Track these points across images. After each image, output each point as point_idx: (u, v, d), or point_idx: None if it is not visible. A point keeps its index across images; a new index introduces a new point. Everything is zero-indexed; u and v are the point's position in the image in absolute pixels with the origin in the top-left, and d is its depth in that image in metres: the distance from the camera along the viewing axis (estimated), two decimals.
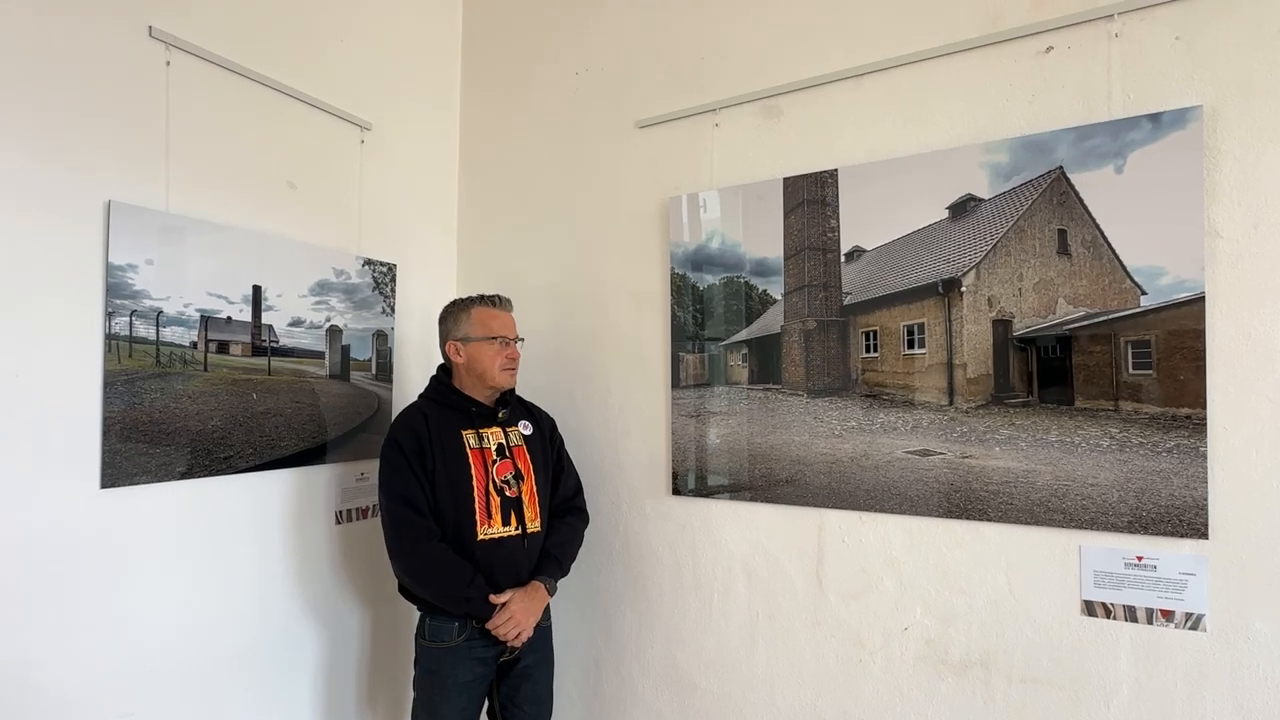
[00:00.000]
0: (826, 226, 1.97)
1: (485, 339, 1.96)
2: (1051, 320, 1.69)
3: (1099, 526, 1.62)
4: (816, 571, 1.98)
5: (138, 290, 1.72)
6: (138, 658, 1.74)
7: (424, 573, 1.85)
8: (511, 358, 2.00)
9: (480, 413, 1.98)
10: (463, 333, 1.98)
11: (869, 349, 1.91)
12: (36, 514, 1.57)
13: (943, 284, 1.81)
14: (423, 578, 1.86)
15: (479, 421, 1.98)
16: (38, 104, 1.57)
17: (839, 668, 1.95)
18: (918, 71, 1.86)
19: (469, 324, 1.98)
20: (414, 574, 1.87)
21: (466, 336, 1.97)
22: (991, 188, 1.75)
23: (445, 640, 1.88)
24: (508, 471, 1.96)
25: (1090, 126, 1.64)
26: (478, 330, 1.97)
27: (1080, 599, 1.65)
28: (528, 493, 1.97)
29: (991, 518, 1.73)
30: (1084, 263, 1.65)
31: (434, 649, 1.90)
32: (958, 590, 1.79)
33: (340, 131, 2.28)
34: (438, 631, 1.89)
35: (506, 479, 1.95)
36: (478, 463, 1.92)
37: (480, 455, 1.94)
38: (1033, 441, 1.69)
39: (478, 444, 1.95)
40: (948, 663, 1.80)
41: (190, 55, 1.85)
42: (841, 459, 1.93)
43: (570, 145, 2.49)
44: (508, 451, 1.98)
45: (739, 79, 2.14)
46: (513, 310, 2.06)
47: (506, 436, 2.00)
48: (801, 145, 2.03)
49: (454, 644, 1.88)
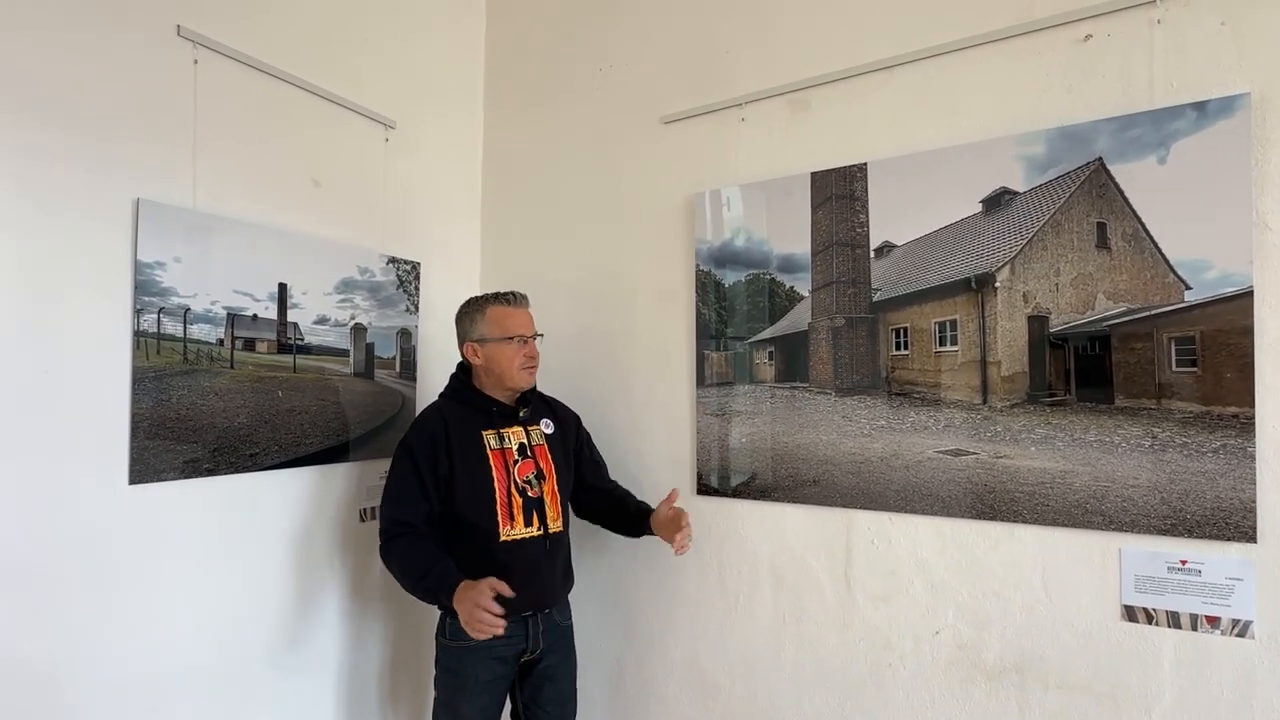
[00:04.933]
0: (855, 221, 1.93)
1: (502, 339, 1.93)
2: (1090, 316, 1.64)
3: (1140, 529, 1.57)
4: (845, 573, 1.95)
5: (165, 288, 1.73)
6: (164, 655, 1.75)
7: (392, 567, 1.85)
8: (530, 356, 1.96)
9: (501, 412, 1.96)
10: (479, 333, 1.95)
11: (899, 346, 1.87)
12: (67, 509, 1.58)
13: (976, 279, 1.76)
14: (394, 572, 1.86)
15: (499, 421, 1.95)
16: (67, 102, 1.59)
17: (868, 671, 1.91)
18: (950, 62, 1.82)
19: (485, 324, 1.95)
20: (390, 566, 1.86)
21: (483, 337, 1.94)
22: (1027, 180, 1.70)
23: (465, 639, 1.85)
24: (529, 471, 1.94)
25: (1131, 116, 1.59)
26: (494, 330, 1.94)
27: (1120, 604, 1.60)
28: (549, 492, 1.96)
29: (1026, 519, 1.69)
30: (1124, 257, 1.60)
31: (454, 647, 1.88)
32: (991, 594, 1.74)
33: (365, 130, 2.29)
34: (457, 629, 1.85)
35: (528, 479, 1.93)
36: (499, 464, 1.90)
37: (501, 456, 1.92)
38: (1070, 441, 1.64)
39: (499, 444, 1.93)
40: (981, 668, 1.75)
41: (218, 54, 1.86)
42: (870, 459, 1.89)
43: (594, 142, 2.47)
44: (529, 451, 1.96)
45: (765, 72, 2.11)
46: (529, 306, 2.02)
47: (528, 436, 1.98)
48: (830, 139, 2.00)
49: (473, 642, 1.85)
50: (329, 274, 2.14)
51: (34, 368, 1.53)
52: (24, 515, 1.52)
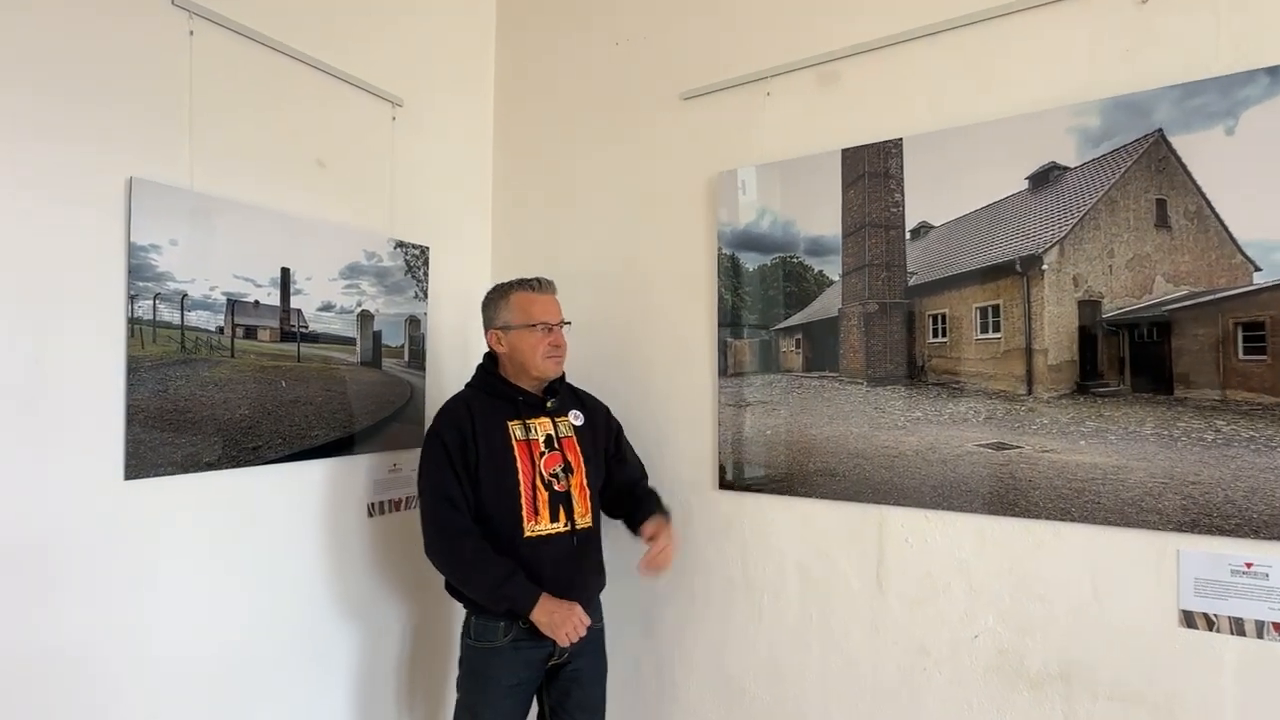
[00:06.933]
0: (890, 201, 1.81)
1: (526, 326, 1.86)
2: (1147, 301, 1.52)
3: (1200, 529, 1.46)
4: (876, 573, 1.85)
5: (161, 272, 1.64)
6: (164, 658, 1.67)
7: (460, 570, 1.79)
8: (555, 344, 1.88)
9: (527, 403, 1.88)
10: (503, 320, 1.88)
11: (936, 333, 1.76)
12: (57, 506, 1.50)
13: (1021, 262, 1.65)
14: (460, 576, 1.80)
15: (526, 412, 1.87)
16: (53, 74, 1.49)
17: (900, 677, 1.81)
18: (995, 28, 1.70)
19: (509, 310, 1.88)
20: (451, 572, 1.82)
21: (507, 324, 1.87)
22: (1079, 154, 1.58)
23: (491, 640, 1.79)
24: (556, 464, 1.86)
25: (1196, 84, 1.46)
26: (518, 317, 1.86)
27: (1178, 609, 1.49)
28: (577, 486, 1.87)
29: (1075, 518, 1.58)
30: (1186, 236, 1.48)
31: (480, 649, 1.82)
32: (1036, 597, 1.64)
33: (371, 107, 2.19)
34: (484, 630, 1.81)
35: (555, 472, 1.85)
36: (524, 456, 1.83)
37: (527, 448, 1.84)
38: (1124, 434, 1.53)
39: (524, 436, 1.85)
40: (1023, 675, 1.65)
41: (214, 25, 1.76)
42: (905, 453, 1.79)
43: (610, 120, 2.36)
44: (556, 443, 1.88)
45: (792, 44, 1.99)
46: (556, 292, 1.94)
47: (555, 427, 1.89)
48: (862, 113, 1.88)
49: (500, 644, 1.79)
50: (334, 258, 2.05)
51: (22, 357, 1.45)
52: (11, 514, 1.44)
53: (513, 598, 1.74)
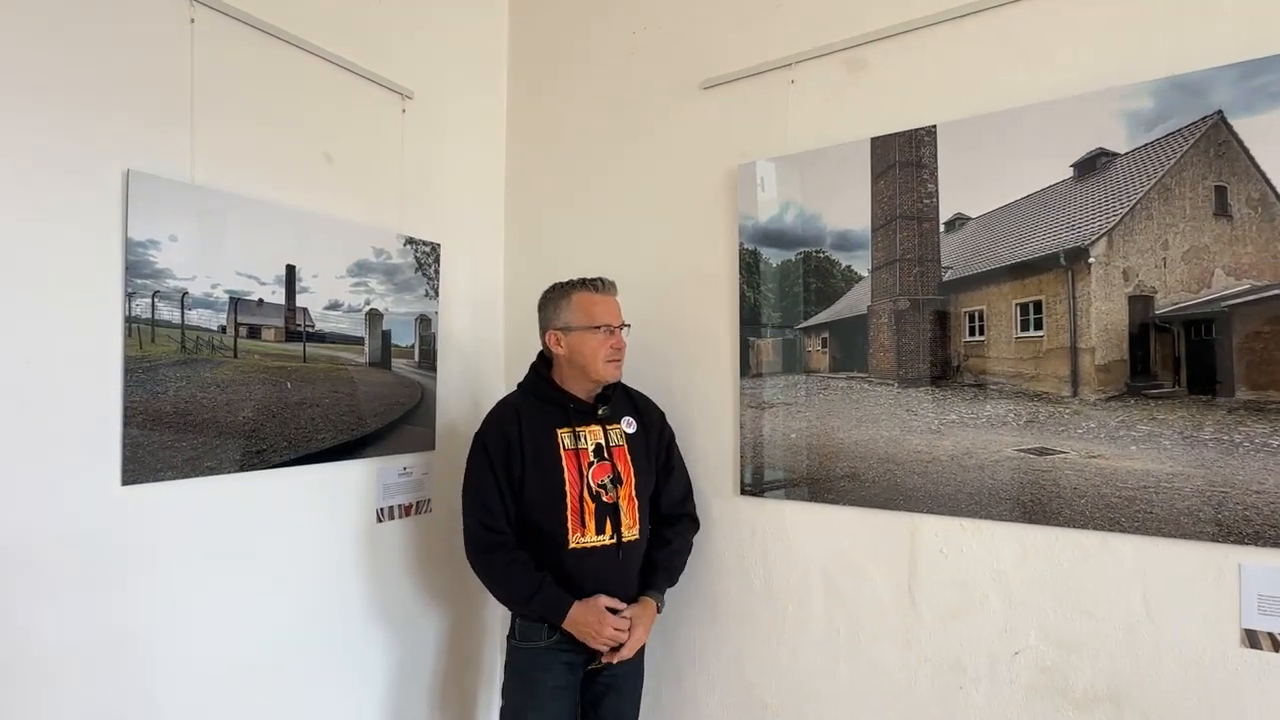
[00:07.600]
0: (923, 192, 1.72)
1: (588, 328, 1.79)
2: (1206, 295, 1.41)
3: (1265, 542, 1.35)
4: (908, 584, 1.75)
5: (160, 269, 1.58)
6: (164, 669, 1.60)
7: (492, 583, 1.81)
8: (616, 347, 1.83)
9: (578, 409, 1.82)
10: (563, 321, 1.82)
11: (973, 332, 1.66)
12: (52, 513, 1.43)
13: (1066, 254, 1.54)
14: (492, 587, 1.82)
15: (576, 419, 1.81)
16: (48, 62, 1.43)
17: (933, 695, 1.71)
18: (1036, 7, 1.59)
19: (570, 311, 1.81)
20: (486, 583, 1.82)
21: (568, 325, 1.81)
22: (1129, 139, 1.48)
23: (536, 641, 1.77)
24: (605, 475, 1.79)
25: (1258, 61, 1.36)
26: (579, 318, 1.80)
27: (1240, 627, 1.38)
28: (626, 498, 1.80)
29: (1125, 528, 1.47)
30: (1249, 226, 1.37)
31: (524, 650, 1.80)
32: (1082, 612, 1.54)
33: (381, 100, 2.11)
34: (528, 631, 1.78)
35: (603, 483, 1.79)
36: (572, 465, 1.77)
37: (575, 457, 1.78)
38: (1179, 439, 1.43)
39: (573, 444, 1.79)
40: (1068, 696, 1.55)
41: (217, 13, 1.69)
42: (939, 457, 1.69)
43: (628, 111, 2.27)
44: (606, 453, 1.81)
45: (818, 28, 1.89)
46: (617, 293, 1.88)
47: (606, 436, 1.83)
48: (892, 100, 1.79)
49: (544, 645, 1.76)
50: (341, 255, 1.98)
51: (14, 357, 1.39)
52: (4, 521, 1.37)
53: (542, 611, 1.73)
